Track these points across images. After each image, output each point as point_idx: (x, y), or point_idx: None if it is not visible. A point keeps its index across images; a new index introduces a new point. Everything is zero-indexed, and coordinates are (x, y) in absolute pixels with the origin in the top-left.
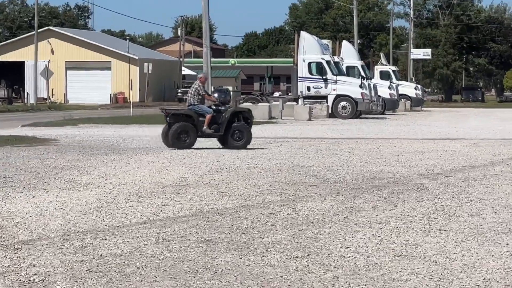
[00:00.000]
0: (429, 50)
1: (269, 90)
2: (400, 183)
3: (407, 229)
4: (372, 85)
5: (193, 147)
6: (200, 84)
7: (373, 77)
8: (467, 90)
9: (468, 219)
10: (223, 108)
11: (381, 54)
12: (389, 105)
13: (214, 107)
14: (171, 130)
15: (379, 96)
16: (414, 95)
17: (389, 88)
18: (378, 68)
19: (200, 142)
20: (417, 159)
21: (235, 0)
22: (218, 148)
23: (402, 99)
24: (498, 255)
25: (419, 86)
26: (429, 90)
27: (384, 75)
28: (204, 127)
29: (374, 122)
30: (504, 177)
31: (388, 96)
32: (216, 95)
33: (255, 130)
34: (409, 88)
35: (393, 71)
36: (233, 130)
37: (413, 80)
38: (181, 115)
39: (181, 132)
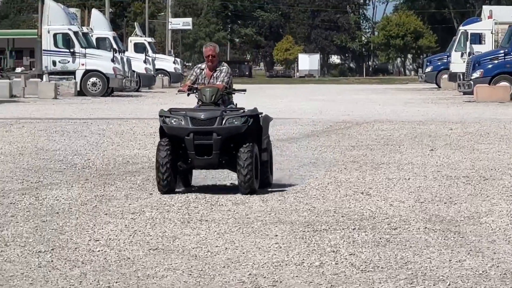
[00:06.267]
0: (189, 20)
1: (10, 65)
2: None
3: (163, 219)
4: (125, 59)
5: None
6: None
7: (127, 50)
8: (233, 64)
9: (233, 208)
10: None
11: (136, 24)
12: (145, 81)
13: None
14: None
15: (134, 71)
16: (173, 70)
17: (145, 62)
18: (132, 40)
19: None
20: None
21: None
22: None
23: (160, 75)
24: (266, 248)
25: (179, 60)
26: (190, 64)
27: (139, 48)
28: None
29: (128, 100)
30: (274, 161)
31: (144, 71)
32: None
33: None
34: (167, 62)
35: (149, 43)
36: None
37: (172, 54)
38: None
39: None
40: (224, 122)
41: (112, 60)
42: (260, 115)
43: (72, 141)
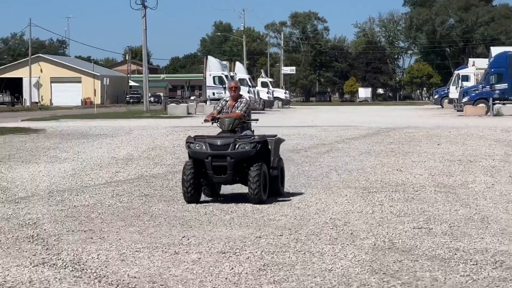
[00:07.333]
0: (294, 68)
1: (187, 95)
2: None
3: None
4: (256, 91)
5: None
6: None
7: (257, 86)
8: (320, 94)
9: (321, 179)
10: None
11: (262, 70)
12: (267, 104)
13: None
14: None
15: (261, 98)
16: (284, 97)
17: (267, 93)
18: (260, 80)
19: None
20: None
21: (164, 34)
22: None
23: (276, 100)
24: (340, 202)
25: (287, 92)
26: (294, 94)
27: (264, 84)
28: None
29: (257, 115)
30: (344, 151)
31: (267, 98)
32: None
33: (178, 122)
34: (280, 93)
35: (270, 81)
36: None
37: (283, 88)
38: None
39: None
40: (236, 147)
41: (248, 92)
42: (272, 138)
43: None
